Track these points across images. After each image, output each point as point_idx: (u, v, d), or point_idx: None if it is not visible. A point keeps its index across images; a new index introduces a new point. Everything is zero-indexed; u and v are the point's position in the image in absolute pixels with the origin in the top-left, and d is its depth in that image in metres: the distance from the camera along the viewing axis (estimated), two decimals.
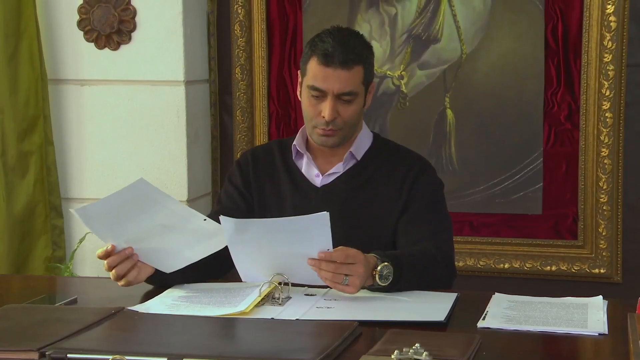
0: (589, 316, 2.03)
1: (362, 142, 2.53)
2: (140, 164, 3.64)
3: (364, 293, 2.22)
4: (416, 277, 2.26)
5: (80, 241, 3.56)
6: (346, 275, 2.13)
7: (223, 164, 3.77)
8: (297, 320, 2.00)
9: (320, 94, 2.42)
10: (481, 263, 3.57)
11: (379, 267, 2.19)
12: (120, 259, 2.22)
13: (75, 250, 3.57)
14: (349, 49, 2.41)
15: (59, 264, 3.59)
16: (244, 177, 2.56)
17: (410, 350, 1.68)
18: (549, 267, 3.51)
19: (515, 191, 3.52)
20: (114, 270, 2.22)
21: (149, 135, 3.62)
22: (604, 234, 3.46)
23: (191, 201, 3.64)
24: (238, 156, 3.72)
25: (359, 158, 2.51)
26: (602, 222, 3.45)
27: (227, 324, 1.95)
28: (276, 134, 3.71)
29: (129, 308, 2.09)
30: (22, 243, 3.62)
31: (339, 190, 2.48)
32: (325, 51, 2.40)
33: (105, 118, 3.66)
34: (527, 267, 3.53)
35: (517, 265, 3.54)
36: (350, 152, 2.50)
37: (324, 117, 2.41)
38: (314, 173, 2.52)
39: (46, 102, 3.63)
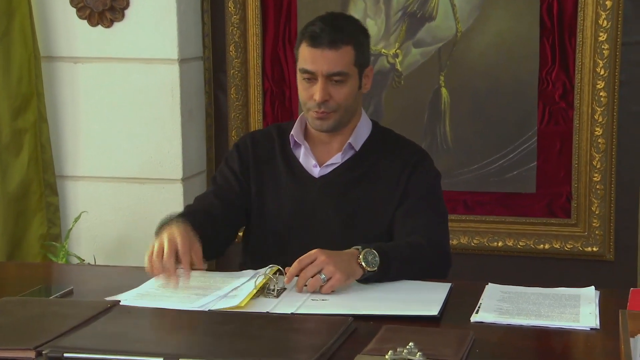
0: (581, 309, 2.05)
1: (361, 132, 2.53)
2: (135, 142, 3.64)
3: (358, 285, 2.23)
4: (405, 264, 2.28)
5: (76, 220, 3.57)
6: (319, 273, 2.14)
7: (218, 142, 3.77)
8: (292, 314, 2.02)
9: (311, 77, 2.42)
10: (475, 241, 3.59)
11: (361, 255, 2.21)
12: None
13: (71, 229, 3.58)
14: (337, 29, 2.42)
15: (54, 243, 3.60)
16: (243, 161, 2.55)
17: (404, 351, 1.70)
18: (542, 246, 3.53)
19: (509, 170, 3.53)
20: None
21: (144, 113, 3.62)
22: (597, 212, 3.48)
23: (186, 179, 3.64)
24: (233, 134, 3.73)
25: (357, 149, 2.51)
26: (596, 201, 3.47)
27: (222, 320, 1.96)
28: (271, 112, 3.71)
29: (123, 302, 2.09)
30: (17, 221, 3.63)
31: (337, 181, 2.48)
32: (313, 33, 2.41)
33: (99, 96, 3.65)
34: (521, 246, 3.55)
35: (510, 244, 3.56)
36: (349, 143, 2.50)
37: (315, 99, 2.41)
38: (311, 163, 2.51)
39: (39, 79, 3.62)
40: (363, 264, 2.21)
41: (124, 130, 3.64)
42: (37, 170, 3.65)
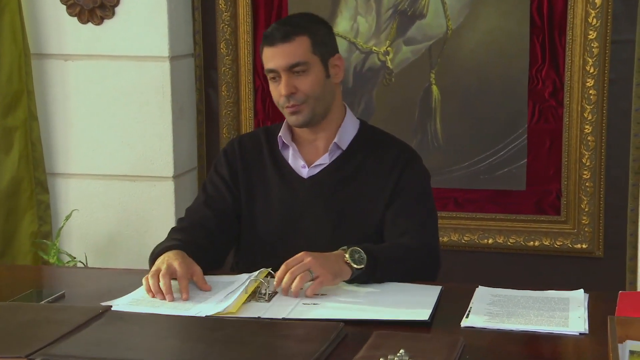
0: (570, 313, 2.07)
1: (347, 132, 2.53)
2: (126, 139, 3.64)
3: (348, 287, 2.24)
4: (392, 264, 2.29)
5: (67, 218, 3.57)
6: (307, 270, 2.16)
7: (209, 139, 3.78)
8: (284, 319, 2.03)
9: (275, 75, 2.45)
10: (465, 238, 3.60)
11: (347, 253, 2.23)
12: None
13: (62, 227, 3.58)
14: (288, 24, 2.47)
15: (45, 240, 3.60)
16: (231, 166, 2.56)
17: (395, 358, 1.71)
18: (532, 243, 3.55)
19: (499, 167, 3.54)
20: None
21: (135, 111, 3.62)
22: (586, 210, 3.49)
23: (177, 177, 3.65)
24: (224, 131, 3.74)
25: (344, 148, 2.52)
26: (585, 198, 3.49)
27: (214, 325, 1.96)
28: (262, 110, 3.71)
29: (115, 308, 2.10)
30: (8, 219, 3.63)
31: (325, 181, 2.49)
32: (267, 34, 2.47)
33: (89, 93, 3.65)
34: (511, 243, 3.57)
35: (500, 241, 3.58)
36: (335, 143, 2.50)
37: (282, 93, 2.44)
38: (300, 164, 2.52)
39: (29, 77, 3.61)
40: (350, 261, 2.22)
41: (115, 128, 3.64)
42: (28, 168, 3.64)
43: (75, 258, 3.51)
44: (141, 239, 3.64)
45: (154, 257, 2.34)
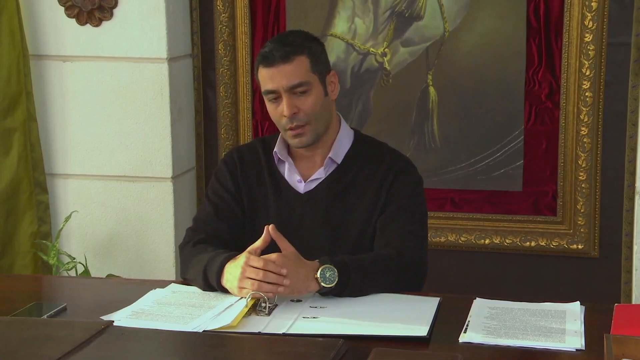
0: (566, 326, 2.09)
1: (341, 145, 2.54)
2: (125, 140, 3.66)
3: (348, 300, 2.27)
4: (367, 278, 2.30)
5: (66, 220, 3.59)
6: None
7: (207, 139, 3.79)
8: (284, 334, 2.05)
9: (275, 96, 2.45)
10: (462, 239, 3.63)
11: (319, 271, 2.25)
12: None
13: (62, 229, 3.59)
14: (286, 44, 2.45)
15: (44, 241, 3.62)
16: (233, 176, 2.57)
17: None
18: (528, 243, 3.58)
19: (496, 168, 3.56)
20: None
21: (133, 112, 3.63)
22: (582, 210, 3.52)
23: (175, 177, 3.66)
24: (222, 131, 3.75)
25: (339, 162, 2.53)
26: (581, 199, 3.51)
27: (214, 342, 1.99)
28: (260, 110, 3.72)
29: (117, 322, 2.12)
30: (7, 220, 3.65)
31: (321, 196, 2.51)
32: (264, 54, 2.45)
33: (88, 94, 3.66)
34: (507, 243, 3.59)
35: (497, 241, 3.60)
36: (330, 157, 2.51)
37: (285, 115, 2.43)
38: (296, 179, 2.53)
39: (28, 78, 3.62)
40: (319, 279, 2.25)
41: (114, 129, 3.65)
42: (27, 169, 3.66)
43: (74, 259, 3.53)
44: (140, 240, 3.66)
45: (204, 277, 2.33)
